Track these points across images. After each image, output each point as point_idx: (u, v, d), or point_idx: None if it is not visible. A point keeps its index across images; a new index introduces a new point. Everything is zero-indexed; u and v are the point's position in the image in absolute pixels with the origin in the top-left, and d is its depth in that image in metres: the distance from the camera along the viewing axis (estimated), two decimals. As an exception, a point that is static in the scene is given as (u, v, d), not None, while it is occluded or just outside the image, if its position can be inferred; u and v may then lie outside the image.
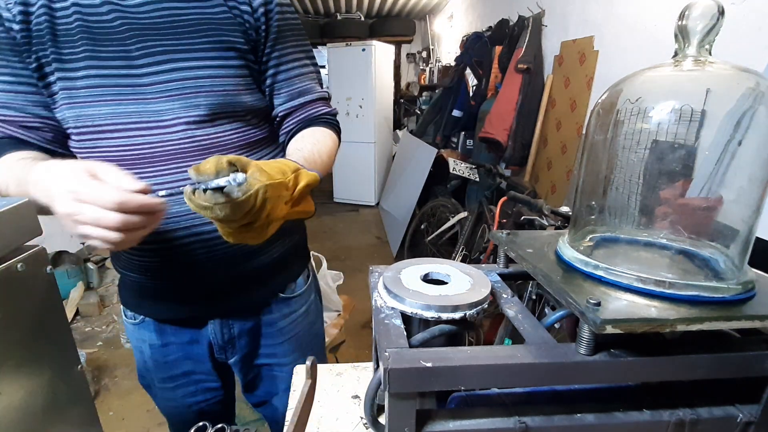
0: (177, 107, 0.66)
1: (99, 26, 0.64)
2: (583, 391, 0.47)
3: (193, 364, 0.85)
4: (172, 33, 0.65)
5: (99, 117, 0.64)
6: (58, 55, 0.63)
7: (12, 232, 0.49)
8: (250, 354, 0.86)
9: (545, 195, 2.64)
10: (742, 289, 0.41)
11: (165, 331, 0.82)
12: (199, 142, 0.67)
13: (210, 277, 0.75)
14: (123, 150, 0.66)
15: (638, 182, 0.50)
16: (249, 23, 0.70)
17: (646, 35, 1.82)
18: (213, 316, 0.81)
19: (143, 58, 0.64)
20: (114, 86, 0.64)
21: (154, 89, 0.65)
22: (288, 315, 0.86)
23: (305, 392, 0.50)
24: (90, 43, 0.63)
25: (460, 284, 0.49)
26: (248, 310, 0.83)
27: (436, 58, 6.10)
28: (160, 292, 0.78)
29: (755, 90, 0.44)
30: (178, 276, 0.75)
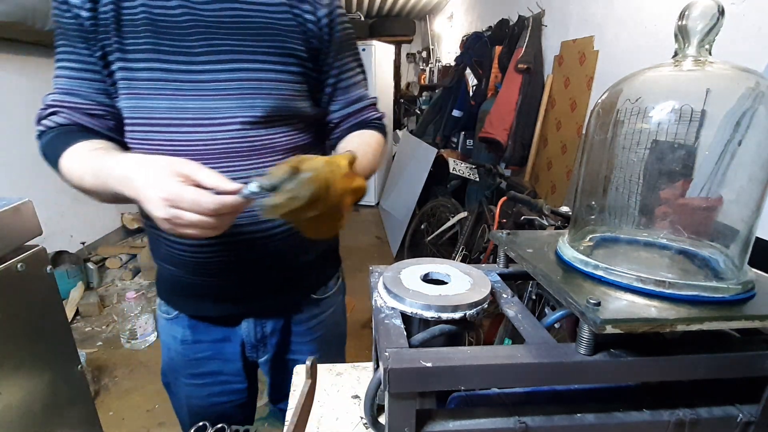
0: (234, 106, 0.66)
1: (164, 20, 0.64)
2: (583, 391, 0.47)
3: (222, 364, 0.85)
4: (238, 34, 0.66)
5: (156, 110, 0.65)
6: (120, 45, 0.63)
7: (12, 232, 0.49)
8: (280, 353, 0.88)
9: (545, 195, 2.64)
10: (742, 289, 0.41)
11: (198, 328, 0.82)
12: (251, 142, 0.68)
13: (250, 277, 0.76)
14: (175, 144, 0.66)
15: (638, 182, 0.50)
16: (312, 32, 0.72)
17: (646, 35, 1.82)
18: (247, 315, 0.82)
19: (205, 56, 0.65)
20: (173, 81, 0.64)
21: (212, 86, 0.65)
22: (317, 315, 0.88)
23: (305, 392, 0.50)
24: (153, 36, 0.64)
25: (460, 284, 0.49)
26: (281, 309, 0.84)
27: (436, 58, 6.10)
28: (199, 289, 0.78)
29: (755, 90, 0.44)
30: (218, 274, 0.75)
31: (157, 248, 0.77)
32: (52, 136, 0.65)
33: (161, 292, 0.84)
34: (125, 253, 3.25)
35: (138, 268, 3.13)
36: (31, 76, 2.79)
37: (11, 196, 0.53)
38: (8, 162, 2.61)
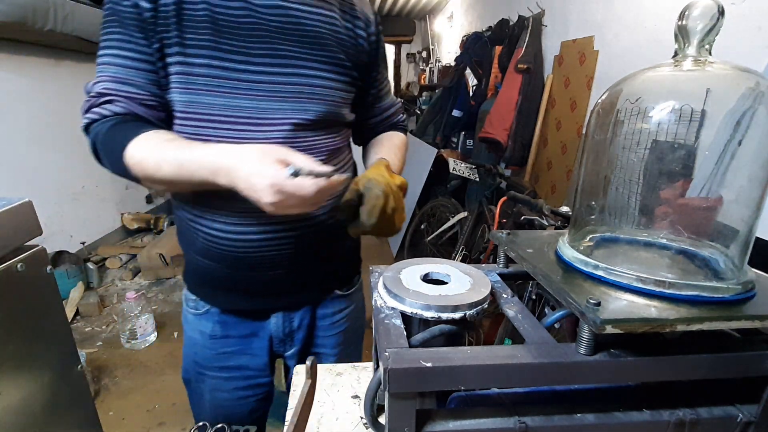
0: (287, 109, 0.69)
1: (226, 20, 0.65)
2: (583, 391, 0.47)
3: (249, 359, 0.87)
4: (297, 41, 0.69)
5: (211, 106, 0.66)
6: (180, 39, 0.64)
7: (12, 232, 0.49)
8: (306, 346, 0.90)
9: (545, 195, 2.64)
10: (742, 289, 0.41)
11: (227, 323, 0.84)
12: (298, 143, 0.71)
13: (287, 271, 0.78)
14: (227, 141, 0.67)
15: (638, 182, 0.50)
16: (362, 47, 0.79)
17: (646, 35, 1.82)
18: (277, 309, 0.84)
19: (264, 58, 0.67)
20: (231, 79, 0.66)
21: (269, 88, 0.68)
22: (342, 310, 0.92)
23: (305, 392, 0.50)
24: (214, 34, 0.65)
25: (460, 284, 0.49)
26: (309, 304, 0.87)
27: (436, 58, 6.10)
28: (234, 282, 0.79)
29: (755, 90, 0.44)
30: (256, 268, 0.77)
31: (192, 242, 0.78)
32: (113, 125, 0.65)
33: (193, 286, 0.85)
34: (125, 253, 3.25)
35: (138, 268, 3.13)
36: (31, 76, 2.79)
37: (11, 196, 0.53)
38: (8, 162, 2.61)
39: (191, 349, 0.88)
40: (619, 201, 0.53)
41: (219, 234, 0.73)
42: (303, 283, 0.83)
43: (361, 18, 0.78)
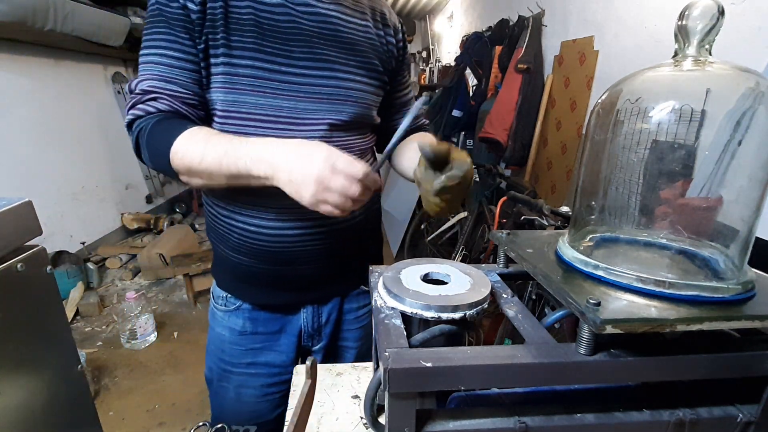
0: (324, 110, 0.72)
1: (269, 23, 0.68)
2: (583, 391, 0.47)
3: (275, 355, 0.89)
4: (334, 46, 0.73)
5: (254, 106, 0.69)
6: (227, 41, 0.66)
7: (12, 232, 0.49)
8: (332, 341, 0.92)
9: (545, 195, 2.64)
10: (742, 289, 0.41)
11: (258, 319, 0.86)
12: (333, 143, 0.70)
13: (319, 266, 0.81)
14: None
15: (638, 182, 0.50)
16: (392, 53, 0.84)
17: (646, 35, 1.82)
18: (306, 303, 0.86)
19: (305, 61, 0.70)
20: (274, 80, 0.69)
21: (308, 90, 0.71)
22: (365, 305, 0.94)
23: (305, 392, 0.50)
24: (258, 37, 0.68)
25: (460, 284, 0.49)
26: (337, 296, 0.90)
27: (436, 58, 6.10)
28: (268, 278, 0.81)
29: (755, 90, 0.44)
30: (292, 263, 0.79)
31: (226, 238, 0.80)
32: (157, 121, 0.66)
33: (225, 282, 0.86)
34: (125, 253, 3.25)
35: (138, 268, 3.13)
36: (32, 76, 2.79)
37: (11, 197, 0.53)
38: (8, 162, 2.61)
39: (218, 346, 0.89)
40: (619, 201, 0.53)
41: (256, 230, 0.75)
42: (333, 276, 0.85)
43: (391, 26, 0.83)
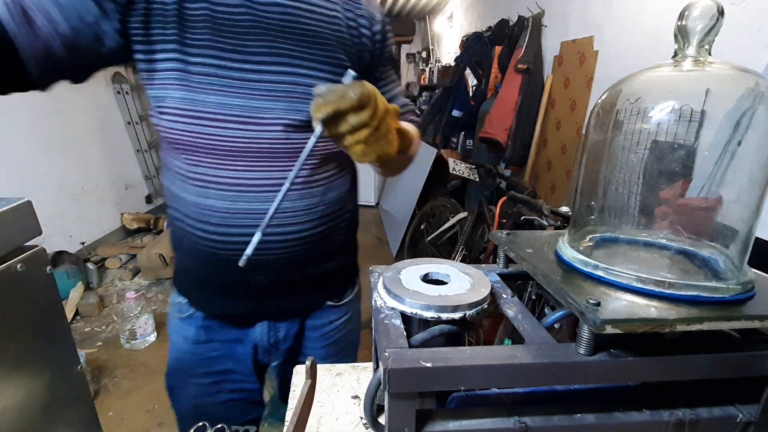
0: (279, 108, 0.67)
1: (224, 17, 0.65)
2: (583, 391, 0.47)
3: (235, 363, 0.85)
4: (295, 39, 0.68)
5: (203, 104, 0.65)
6: (180, 37, 0.63)
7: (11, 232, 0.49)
8: (292, 357, 0.88)
9: (545, 195, 2.64)
10: (741, 289, 0.41)
11: (212, 328, 0.83)
12: (291, 145, 0.69)
13: (276, 276, 0.77)
14: (219, 139, 0.67)
15: (638, 182, 0.50)
16: (366, 46, 0.76)
17: (646, 35, 1.82)
18: (263, 317, 0.82)
19: (260, 56, 0.66)
20: (224, 77, 0.65)
21: (261, 86, 0.66)
22: (333, 321, 0.89)
23: (305, 392, 0.50)
24: (213, 33, 0.64)
25: (460, 284, 0.49)
26: (296, 314, 0.85)
27: (436, 58, 6.10)
28: (219, 285, 0.78)
29: (755, 90, 0.44)
30: (240, 272, 0.73)
31: (181, 242, 0.77)
32: None
33: (180, 287, 0.84)
34: (125, 254, 3.25)
35: (138, 269, 3.13)
36: (31, 76, 2.79)
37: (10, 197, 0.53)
38: (8, 162, 2.61)
39: (175, 355, 0.86)
40: (618, 201, 0.53)
41: (204, 235, 0.71)
42: (291, 290, 0.80)
43: (366, 16, 0.76)
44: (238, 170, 0.68)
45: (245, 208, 0.69)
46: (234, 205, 0.67)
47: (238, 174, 0.68)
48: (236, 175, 0.68)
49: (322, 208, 0.75)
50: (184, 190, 0.71)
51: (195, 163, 0.69)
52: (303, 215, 0.73)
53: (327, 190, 0.76)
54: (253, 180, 0.69)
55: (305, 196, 0.73)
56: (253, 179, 0.69)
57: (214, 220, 0.70)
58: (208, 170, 0.68)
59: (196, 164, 0.68)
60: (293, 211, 0.72)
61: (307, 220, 0.74)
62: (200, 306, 0.82)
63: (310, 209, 0.73)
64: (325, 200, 0.75)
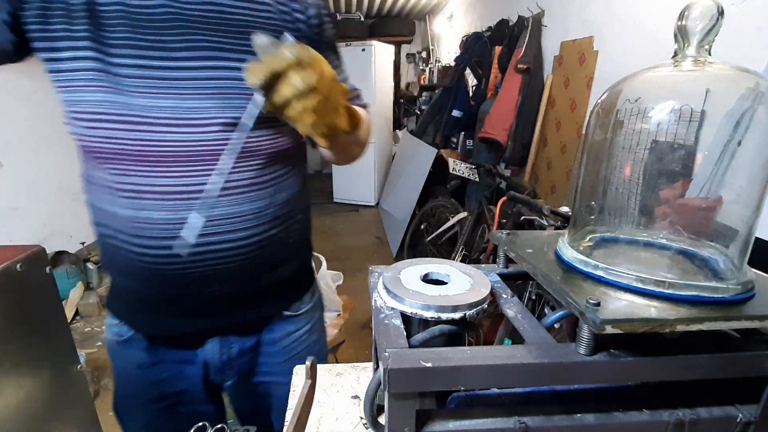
0: (213, 107, 0.62)
1: (140, 12, 0.60)
2: (583, 391, 0.47)
3: (186, 385, 0.79)
4: (221, 31, 0.63)
5: (129, 107, 0.60)
6: (94, 35, 0.58)
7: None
8: (248, 375, 0.82)
9: (545, 195, 2.64)
10: (741, 289, 0.41)
11: (156, 350, 0.76)
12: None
13: (227, 287, 0.71)
14: (147, 145, 0.62)
15: (638, 182, 0.50)
16: (302, 31, 0.70)
17: (646, 35, 1.82)
18: (213, 333, 0.76)
19: (183, 51, 0.61)
20: (148, 78, 0.60)
21: (190, 85, 0.62)
22: (292, 333, 0.83)
23: (305, 392, 0.50)
24: (129, 29, 0.59)
25: (460, 284, 0.49)
26: (250, 327, 0.79)
27: (435, 58, 6.10)
28: (164, 304, 0.72)
29: (755, 90, 0.44)
30: (185, 286, 0.69)
31: (114, 261, 0.70)
32: None
33: (115, 309, 0.76)
34: (125, 253, 3.24)
35: (138, 269, 3.12)
36: (33, 77, 2.79)
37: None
38: (8, 162, 2.61)
39: (120, 381, 0.79)
40: (618, 201, 0.53)
41: (141, 250, 0.65)
42: (245, 301, 0.74)
43: (299, 1, 0.70)
44: (175, 176, 0.63)
45: (187, 217, 0.63)
46: (174, 215, 0.62)
47: (176, 181, 0.63)
48: (173, 182, 0.63)
49: (272, 210, 0.71)
50: (113, 203, 0.65)
51: (123, 172, 0.62)
52: (252, 219, 0.68)
53: (276, 192, 0.71)
54: (194, 186, 0.63)
55: (253, 198, 0.68)
56: (193, 185, 0.63)
57: (152, 233, 0.64)
58: (139, 179, 0.62)
59: (125, 174, 0.62)
60: (241, 216, 0.67)
61: (257, 224, 0.69)
62: (141, 329, 0.75)
63: (259, 212, 0.69)
64: (275, 202, 0.71)
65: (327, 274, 1.86)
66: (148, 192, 0.63)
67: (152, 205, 0.63)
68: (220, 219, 0.65)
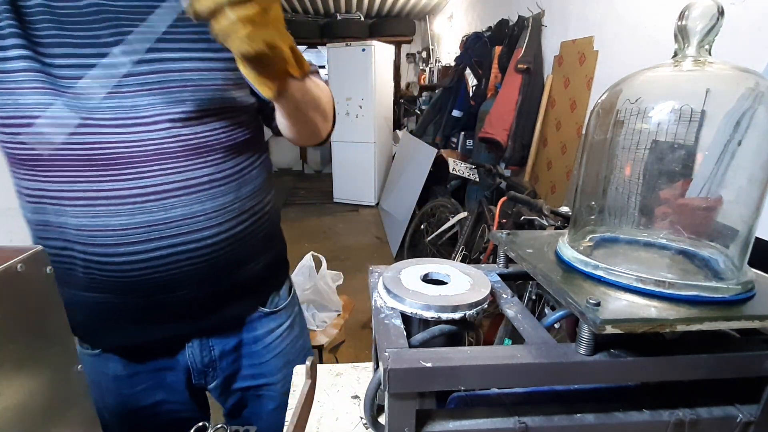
0: (158, 102, 0.59)
1: (64, 7, 0.56)
2: (583, 391, 0.47)
3: (166, 393, 0.76)
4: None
5: (68, 109, 0.56)
6: (23, 32, 0.55)
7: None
8: (232, 376, 0.80)
9: (545, 195, 2.64)
10: (741, 289, 0.41)
11: (132, 359, 0.72)
12: (184, 141, 0.61)
13: (189, 292, 0.68)
14: (95, 148, 0.58)
15: (638, 182, 0.50)
16: None
17: (646, 35, 1.82)
18: (191, 336, 0.74)
19: (117, 46, 0.56)
20: (81, 78, 0.55)
21: (130, 81, 0.57)
22: (274, 330, 0.81)
23: (305, 392, 0.50)
24: (54, 25, 0.56)
25: (460, 284, 0.49)
26: (230, 327, 0.77)
27: (436, 58, 6.10)
28: (130, 312, 0.67)
29: (755, 90, 0.44)
30: (151, 292, 0.65)
31: (71, 277, 0.65)
32: None
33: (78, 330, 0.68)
34: (125, 254, 3.24)
35: (138, 269, 3.12)
36: None
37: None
38: (8, 162, 2.61)
39: (97, 394, 0.74)
40: (618, 201, 0.53)
41: (101, 259, 0.61)
42: (220, 300, 0.72)
43: None
44: (128, 179, 0.59)
45: (147, 221, 0.61)
46: (132, 219, 0.59)
47: (129, 184, 0.59)
48: (127, 186, 0.59)
49: (238, 205, 0.68)
50: (62, 214, 0.60)
51: (70, 179, 0.58)
52: (217, 216, 0.65)
53: (240, 186, 0.68)
54: (150, 188, 0.60)
55: (216, 195, 0.65)
56: (149, 187, 0.60)
57: (111, 241, 0.60)
58: (90, 186, 0.59)
59: (73, 181, 0.59)
60: (204, 214, 0.64)
61: (223, 221, 0.66)
62: (111, 341, 0.71)
63: (224, 209, 0.66)
64: (240, 196, 0.68)
65: (327, 274, 1.85)
66: (101, 198, 0.59)
67: (107, 212, 0.59)
68: (181, 219, 0.63)
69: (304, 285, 1.76)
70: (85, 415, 0.61)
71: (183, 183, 0.62)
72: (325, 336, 1.74)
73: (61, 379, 0.56)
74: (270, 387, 0.82)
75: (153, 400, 0.75)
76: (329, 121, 0.76)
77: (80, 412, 0.60)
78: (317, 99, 0.69)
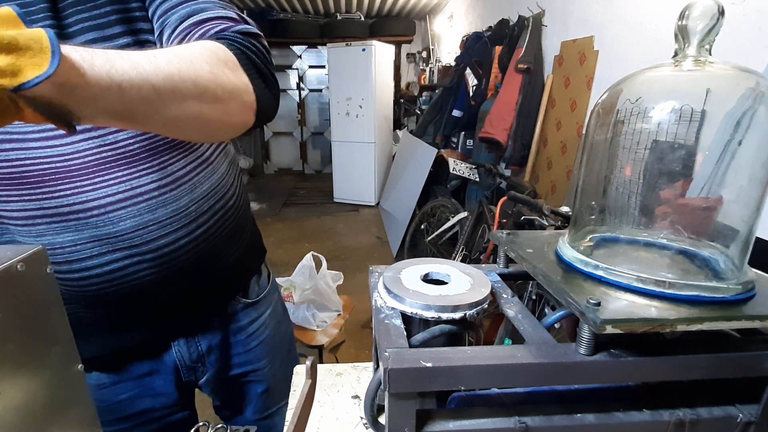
0: None
1: None
2: (583, 391, 0.47)
3: (152, 400, 0.74)
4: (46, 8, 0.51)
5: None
6: None
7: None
8: (221, 368, 0.79)
9: (545, 195, 2.64)
10: (742, 289, 0.41)
11: (115, 366, 0.70)
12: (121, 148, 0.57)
13: (161, 296, 0.66)
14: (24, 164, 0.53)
15: (638, 182, 0.50)
16: None
17: (646, 35, 1.82)
18: (176, 336, 0.72)
19: None
20: None
21: None
22: (257, 319, 0.81)
23: (305, 392, 0.50)
24: None
25: (460, 284, 0.49)
26: (213, 322, 0.75)
27: (436, 58, 6.10)
28: (102, 322, 0.65)
29: (755, 90, 0.44)
30: (119, 302, 0.63)
31: None
32: None
33: None
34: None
35: (138, 268, 3.12)
36: (31, 76, 2.79)
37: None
38: (8, 162, 2.61)
39: None
40: (619, 201, 0.53)
41: (62, 276, 0.59)
42: (198, 298, 0.70)
43: None
44: (65, 195, 0.55)
45: (96, 235, 0.57)
46: (81, 235, 0.56)
47: (68, 200, 0.56)
48: (66, 202, 0.56)
49: (194, 207, 0.64)
50: (7, 232, 0.57)
51: (6, 199, 0.55)
52: (172, 223, 0.62)
53: (194, 186, 0.64)
54: (92, 203, 0.57)
55: (168, 201, 0.61)
56: (90, 201, 0.56)
57: (63, 258, 0.58)
58: (26, 204, 0.55)
59: (8, 200, 0.55)
60: (157, 222, 0.60)
61: (179, 227, 0.63)
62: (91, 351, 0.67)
63: (178, 214, 0.62)
64: (196, 197, 0.64)
65: (327, 274, 1.85)
66: (41, 216, 0.55)
67: (51, 230, 0.56)
68: (132, 231, 0.59)
69: (304, 285, 1.76)
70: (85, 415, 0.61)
71: (128, 193, 0.58)
72: (325, 336, 1.74)
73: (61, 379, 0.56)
74: (257, 372, 0.83)
75: (138, 408, 0.74)
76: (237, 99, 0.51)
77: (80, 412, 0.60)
78: (190, 83, 0.43)
